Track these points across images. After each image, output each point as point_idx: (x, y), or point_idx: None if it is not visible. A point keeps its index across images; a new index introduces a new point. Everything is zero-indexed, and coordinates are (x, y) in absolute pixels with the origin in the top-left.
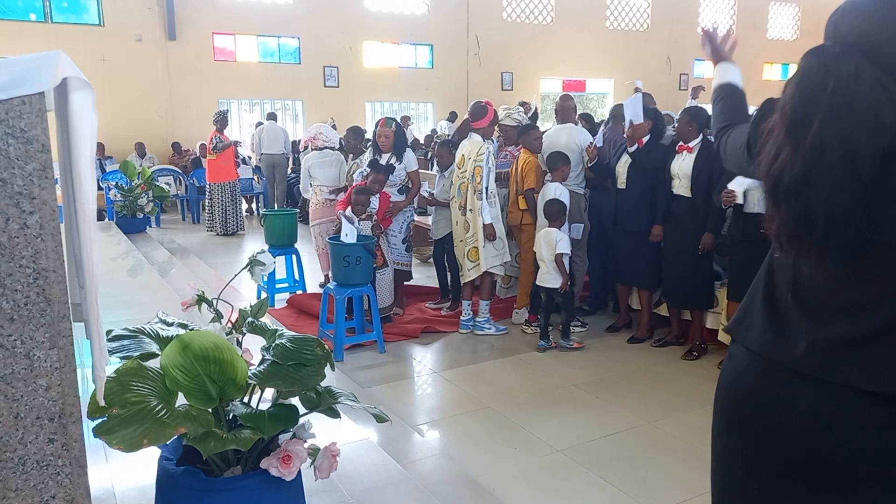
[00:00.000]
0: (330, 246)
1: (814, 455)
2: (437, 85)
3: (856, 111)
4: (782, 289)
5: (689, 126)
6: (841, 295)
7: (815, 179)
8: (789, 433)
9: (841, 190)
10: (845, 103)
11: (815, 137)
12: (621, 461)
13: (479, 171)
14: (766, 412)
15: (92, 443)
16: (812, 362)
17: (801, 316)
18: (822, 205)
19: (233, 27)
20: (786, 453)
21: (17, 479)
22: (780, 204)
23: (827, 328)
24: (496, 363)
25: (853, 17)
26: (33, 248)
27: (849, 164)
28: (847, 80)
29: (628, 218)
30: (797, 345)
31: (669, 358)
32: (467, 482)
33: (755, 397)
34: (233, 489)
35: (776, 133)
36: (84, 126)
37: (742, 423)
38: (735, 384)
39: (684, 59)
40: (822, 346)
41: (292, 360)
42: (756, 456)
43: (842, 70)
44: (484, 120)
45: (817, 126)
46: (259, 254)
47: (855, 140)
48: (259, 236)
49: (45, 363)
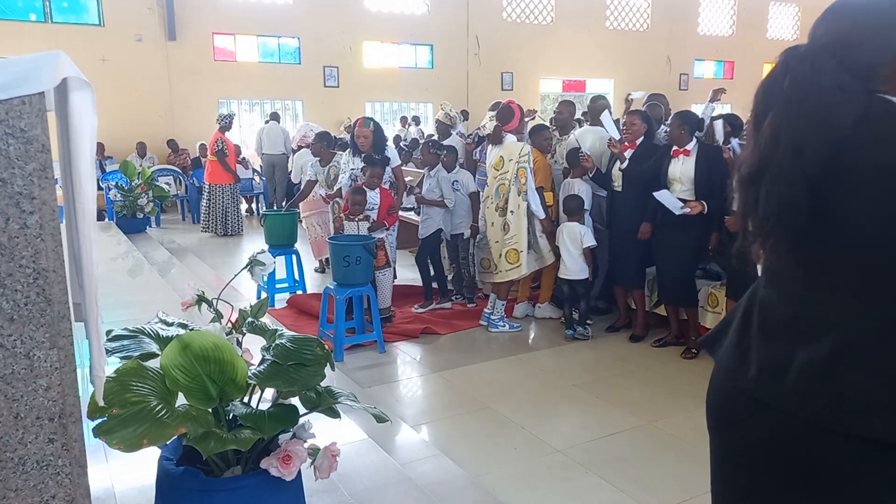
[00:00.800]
0: (330, 246)
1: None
2: (437, 85)
3: (805, 107)
4: (755, 310)
5: (680, 130)
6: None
7: (766, 170)
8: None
9: (785, 181)
10: (798, 99)
11: (768, 129)
12: (621, 461)
13: (524, 171)
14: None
15: (92, 443)
16: (760, 387)
17: (760, 339)
18: (767, 194)
19: (233, 27)
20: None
21: (17, 479)
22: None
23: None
24: (496, 363)
25: (830, 21)
26: (33, 248)
27: (795, 157)
28: (802, 78)
29: (625, 220)
30: (751, 367)
31: (669, 357)
32: (467, 482)
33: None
34: (233, 489)
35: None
36: (84, 126)
37: (719, 430)
38: (718, 390)
39: (684, 59)
40: (769, 370)
41: (292, 360)
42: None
43: (800, 68)
44: (514, 121)
45: (770, 119)
46: (259, 254)
47: (801, 134)
48: (259, 236)
49: (45, 363)
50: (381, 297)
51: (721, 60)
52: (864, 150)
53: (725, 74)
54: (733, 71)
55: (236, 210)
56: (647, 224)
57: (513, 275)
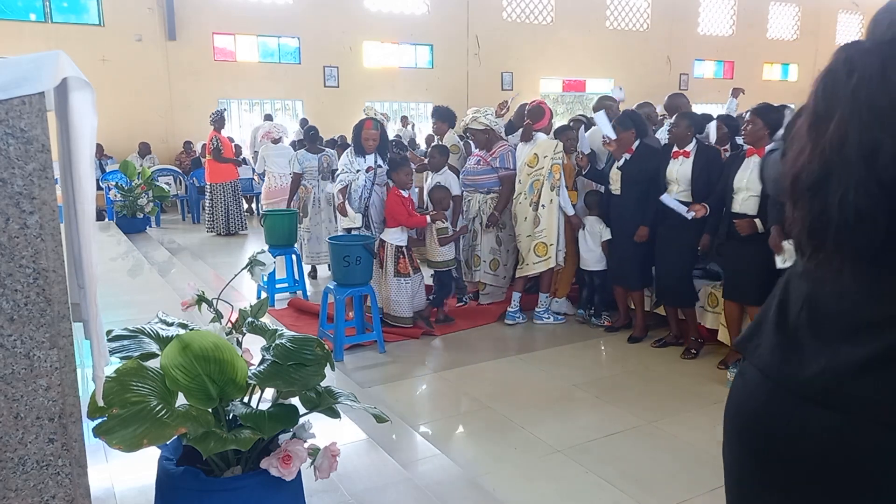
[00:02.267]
0: (330, 246)
1: (824, 478)
2: (437, 85)
3: (877, 108)
4: (796, 307)
5: (687, 131)
6: (855, 316)
7: (832, 177)
8: (800, 456)
9: (857, 189)
10: (867, 100)
11: (834, 133)
12: (621, 461)
13: (557, 168)
14: (777, 434)
15: (92, 443)
16: (819, 387)
17: (812, 337)
18: (837, 204)
19: (233, 27)
20: (796, 474)
21: (17, 479)
22: (798, 203)
23: (839, 351)
24: (496, 363)
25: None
26: (33, 248)
27: (867, 162)
28: (871, 76)
29: (625, 223)
30: (807, 367)
31: (669, 358)
32: (467, 482)
33: (765, 418)
34: (233, 489)
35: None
36: (84, 126)
37: (753, 442)
38: (745, 403)
39: (684, 59)
40: (832, 370)
41: (292, 360)
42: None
43: (867, 65)
44: (544, 119)
45: (836, 122)
46: (259, 254)
47: (874, 137)
48: (259, 236)
49: (45, 363)
50: (398, 305)
51: (721, 60)
52: None
53: (725, 74)
54: (733, 71)
55: (238, 208)
56: (644, 228)
57: (540, 267)
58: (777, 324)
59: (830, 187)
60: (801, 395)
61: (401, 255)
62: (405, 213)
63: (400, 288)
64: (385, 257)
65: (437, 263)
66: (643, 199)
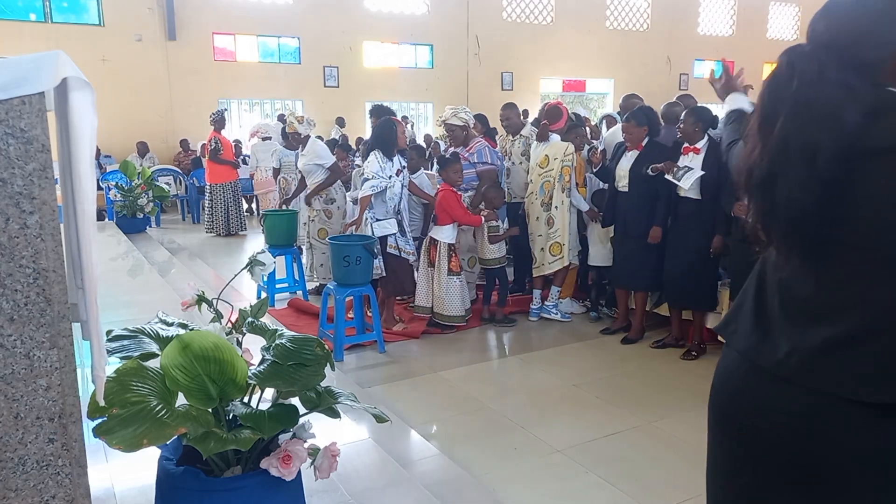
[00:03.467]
0: (330, 246)
1: (795, 455)
2: (437, 85)
3: (816, 109)
4: (771, 292)
5: (695, 127)
6: (820, 299)
7: (778, 176)
8: (772, 433)
9: (801, 188)
10: (807, 101)
11: (778, 134)
12: (621, 461)
13: (567, 170)
14: (751, 412)
15: (92, 443)
16: (790, 367)
17: (784, 320)
18: (784, 201)
19: (233, 27)
20: (769, 452)
21: (17, 479)
22: (751, 199)
23: (806, 333)
24: (496, 363)
25: (828, 19)
26: (33, 248)
27: (808, 161)
28: (810, 78)
29: (632, 222)
30: (779, 349)
31: (669, 358)
32: (467, 482)
33: (741, 398)
34: (233, 489)
35: (752, 130)
36: (84, 126)
37: (729, 421)
38: (725, 384)
39: (684, 59)
40: (800, 351)
41: (292, 360)
42: (742, 453)
43: (806, 68)
44: (561, 121)
45: (781, 123)
46: (259, 254)
47: (814, 138)
48: (259, 236)
49: (45, 363)
50: (452, 304)
51: (720, 60)
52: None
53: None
54: (733, 71)
55: (238, 208)
56: (657, 228)
57: (556, 266)
58: (754, 308)
59: (777, 185)
60: (775, 375)
61: (452, 252)
62: (463, 211)
63: (452, 286)
64: (437, 256)
65: (490, 261)
66: (651, 198)
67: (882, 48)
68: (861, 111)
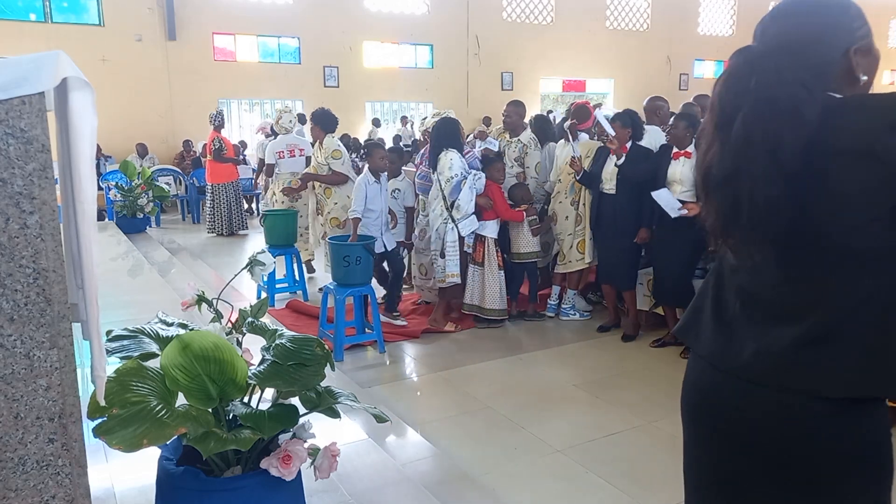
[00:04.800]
0: (330, 246)
1: (769, 453)
2: (437, 85)
3: (777, 105)
4: (730, 295)
5: (686, 132)
6: (783, 299)
7: (742, 172)
8: (744, 433)
9: (765, 181)
10: (768, 99)
11: (739, 131)
12: (621, 461)
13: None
14: (721, 411)
15: (92, 443)
16: (757, 368)
17: (747, 322)
18: (747, 196)
19: (233, 27)
20: (743, 451)
21: (17, 479)
22: (710, 196)
23: (770, 334)
24: (496, 363)
25: (779, 23)
26: (33, 248)
27: (772, 156)
28: (769, 77)
29: (618, 222)
30: (743, 351)
31: (669, 357)
32: (467, 482)
33: (711, 398)
34: (233, 489)
35: (707, 129)
36: (84, 126)
37: (701, 420)
38: (694, 383)
39: (684, 59)
40: (767, 352)
41: (292, 360)
42: (716, 451)
43: (765, 67)
44: (589, 121)
45: (741, 120)
46: (259, 254)
47: (777, 134)
48: (259, 236)
49: (45, 363)
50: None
51: (721, 60)
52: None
53: None
54: None
55: (239, 208)
56: (645, 230)
57: (581, 264)
58: (714, 313)
59: (741, 180)
60: (742, 377)
61: (497, 247)
62: (507, 207)
63: (498, 281)
64: (485, 252)
65: (525, 255)
66: (638, 201)
67: (833, 50)
68: (815, 111)
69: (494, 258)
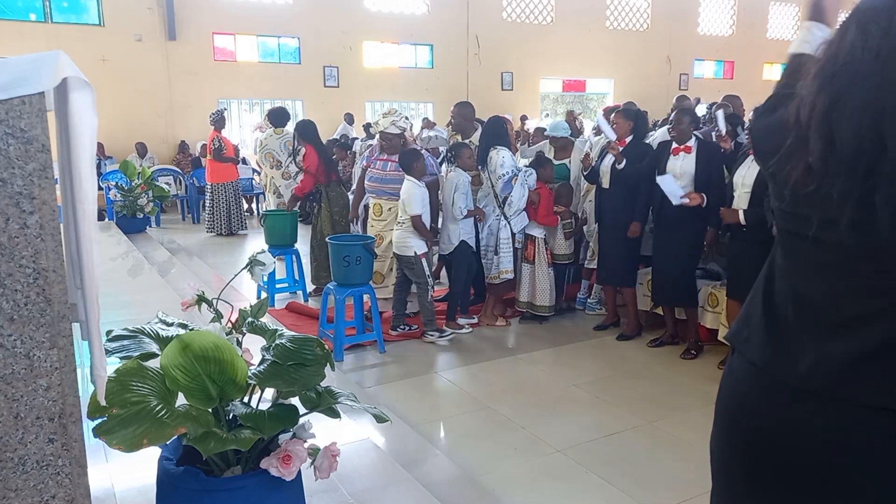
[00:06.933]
0: (330, 246)
1: (823, 472)
2: (437, 85)
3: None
4: (783, 301)
5: (689, 128)
6: (841, 310)
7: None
8: (796, 451)
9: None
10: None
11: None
12: (621, 461)
13: None
14: (771, 430)
15: (92, 443)
16: (817, 380)
17: (801, 331)
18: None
19: (233, 27)
20: (793, 471)
21: (17, 479)
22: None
23: (829, 344)
24: (496, 363)
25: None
26: (33, 248)
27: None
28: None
29: (614, 219)
30: (800, 361)
31: (668, 357)
32: (467, 482)
33: (759, 415)
34: (233, 489)
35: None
36: (84, 126)
37: (745, 439)
38: (736, 399)
39: (684, 59)
40: (826, 363)
41: (292, 360)
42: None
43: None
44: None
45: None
46: (259, 254)
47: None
48: (259, 236)
49: (45, 363)
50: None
51: (721, 60)
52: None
53: (725, 74)
54: (733, 71)
55: (238, 208)
56: (636, 224)
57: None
58: (766, 319)
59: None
60: (796, 388)
61: (547, 246)
62: (549, 211)
63: (548, 278)
64: (536, 250)
65: (561, 256)
66: (632, 195)
67: None
68: None
69: (544, 256)
